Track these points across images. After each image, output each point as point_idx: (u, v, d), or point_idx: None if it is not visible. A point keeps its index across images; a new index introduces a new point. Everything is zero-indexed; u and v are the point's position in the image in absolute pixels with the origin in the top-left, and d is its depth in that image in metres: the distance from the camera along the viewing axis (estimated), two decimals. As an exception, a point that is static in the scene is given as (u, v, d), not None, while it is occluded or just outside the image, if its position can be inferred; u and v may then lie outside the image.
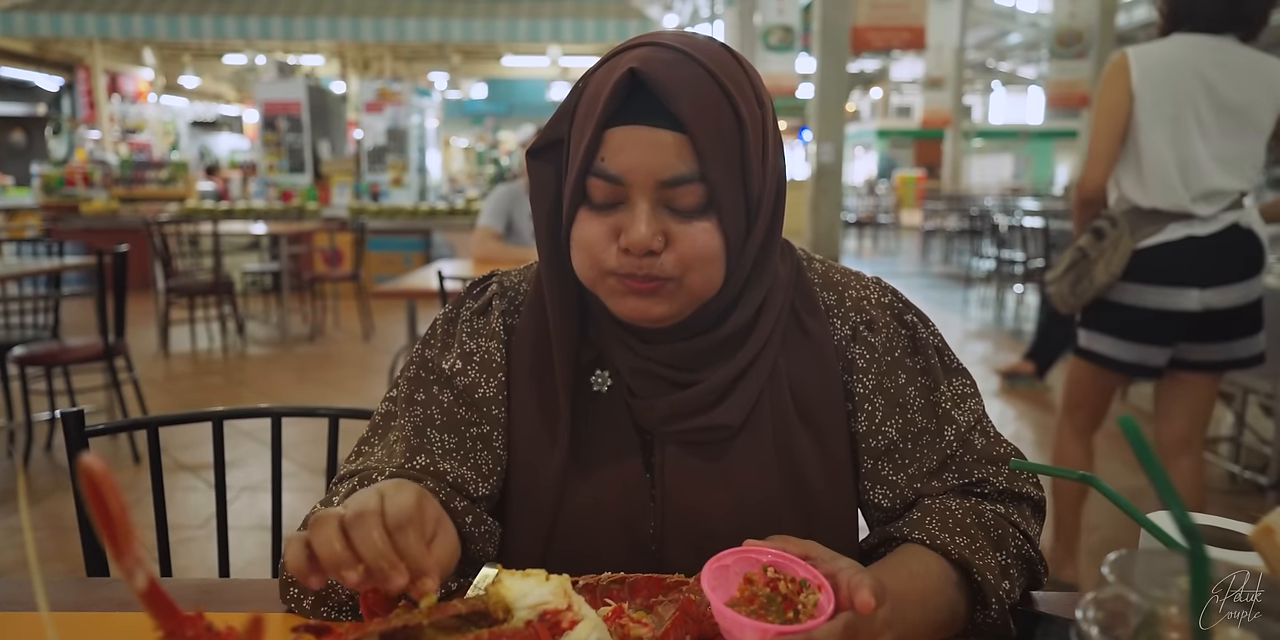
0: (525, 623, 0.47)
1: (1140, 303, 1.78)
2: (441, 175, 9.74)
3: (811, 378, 0.70)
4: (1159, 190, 1.74)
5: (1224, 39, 1.71)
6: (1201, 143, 1.71)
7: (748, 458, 0.68)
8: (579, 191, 0.63)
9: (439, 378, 0.73)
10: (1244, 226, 1.74)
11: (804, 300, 0.72)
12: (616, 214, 0.62)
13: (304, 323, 5.65)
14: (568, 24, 8.13)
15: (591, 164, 0.61)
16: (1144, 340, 1.80)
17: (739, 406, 0.67)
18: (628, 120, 0.60)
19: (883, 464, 0.71)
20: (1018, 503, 0.71)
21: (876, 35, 7.69)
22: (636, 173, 0.60)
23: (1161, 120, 1.72)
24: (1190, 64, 1.70)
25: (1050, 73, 9.58)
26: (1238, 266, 1.74)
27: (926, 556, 0.64)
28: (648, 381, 0.68)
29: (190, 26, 7.97)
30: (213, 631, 0.38)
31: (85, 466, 0.30)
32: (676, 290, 0.63)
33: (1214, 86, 1.70)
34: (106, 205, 7.28)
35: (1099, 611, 0.38)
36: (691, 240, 0.61)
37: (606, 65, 0.63)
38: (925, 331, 0.73)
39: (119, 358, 3.04)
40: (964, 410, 0.72)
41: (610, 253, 0.62)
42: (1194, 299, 1.73)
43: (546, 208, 0.67)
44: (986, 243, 7.64)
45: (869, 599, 0.48)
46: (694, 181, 0.60)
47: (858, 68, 15.31)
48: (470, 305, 0.75)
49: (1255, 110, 1.70)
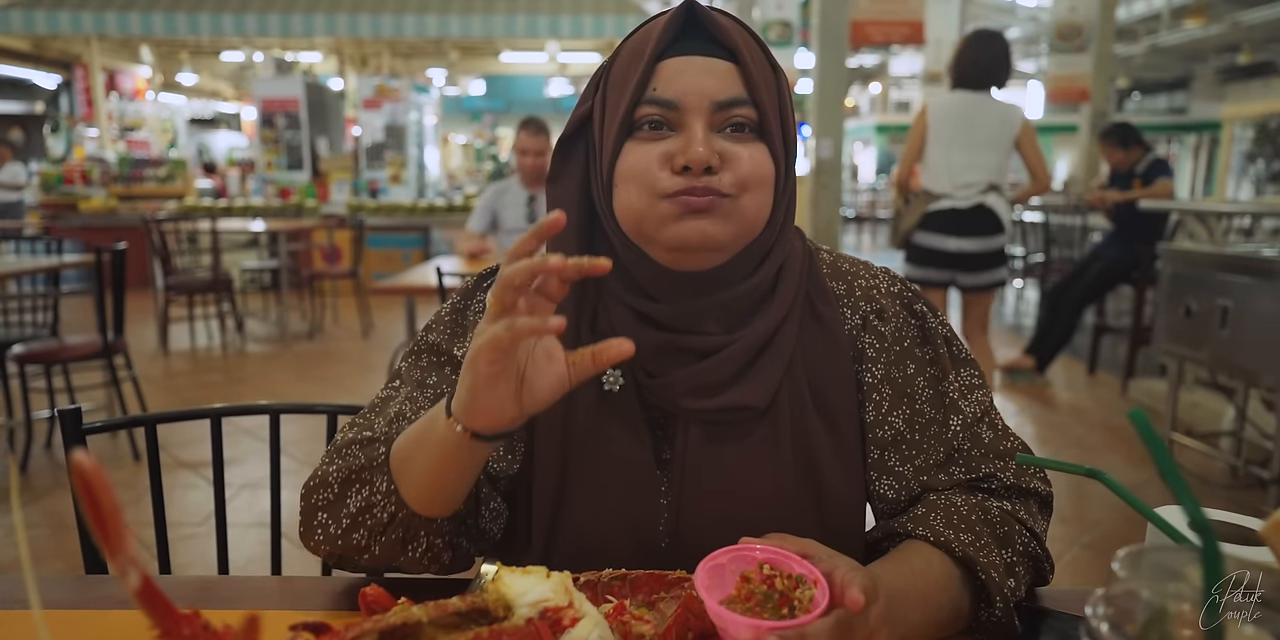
0: (526, 620, 0.46)
1: (924, 244, 3.01)
2: (440, 172, 9.73)
3: (825, 365, 0.70)
4: (935, 181, 2.98)
5: (981, 94, 2.92)
6: (961, 155, 2.92)
7: (767, 444, 0.67)
8: (625, 125, 0.63)
9: (450, 361, 0.72)
10: (987, 206, 2.94)
11: (816, 286, 0.71)
12: (667, 141, 0.63)
13: (303, 320, 5.64)
14: (566, 20, 8.11)
15: (642, 94, 0.63)
16: (926, 265, 3.04)
17: (763, 387, 0.66)
18: (681, 52, 0.63)
19: (889, 455, 0.70)
20: (1024, 498, 0.70)
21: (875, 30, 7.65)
22: (692, 95, 0.62)
23: (939, 142, 2.95)
24: (959, 110, 2.94)
25: (1050, 67, 9.55)
26: (980, 228, 2.94)
27: (930, 553, 0.63)
28: (666, 357, 0.67)
29: (188, 24, 7.94)
30: (209, 630, 0.37)
31: (77, 465, 0.29)
32: (733, 211, 0.62)
33: (973, 122, 2.91)
34: (105, 203, 7.26)
35: (1109, 608, 0.37)
36: (748, 159, 0.63)
37: (644, 28, 0.66)
38: (934, 321, 0.73)
39: (118, 355, 3.04)
40: (971, 401, 0.71)
41: (664, 177, 0.62)
42: (952, 244, 2.96)
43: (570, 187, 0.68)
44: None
45: (858, 596, 0.48)
46: (747, 104, 0.63)
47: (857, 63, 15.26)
48: (481, 297, 0.75)
49: (997, 136, 2.92)
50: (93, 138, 9.72)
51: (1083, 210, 5.85)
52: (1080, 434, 3.41)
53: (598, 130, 0.66)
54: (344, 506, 0.64)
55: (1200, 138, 16.12)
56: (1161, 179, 4.11)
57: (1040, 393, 4.01)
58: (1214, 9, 10.68)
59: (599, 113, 0.66)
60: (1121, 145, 4.19)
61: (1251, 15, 10.01)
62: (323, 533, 0.64)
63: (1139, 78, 16.59)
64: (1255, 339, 2.45)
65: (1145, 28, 12.35)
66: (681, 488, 0.67)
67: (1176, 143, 16.38)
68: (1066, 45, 9.26)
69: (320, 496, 0.65)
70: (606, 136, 0.65)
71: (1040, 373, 4.14)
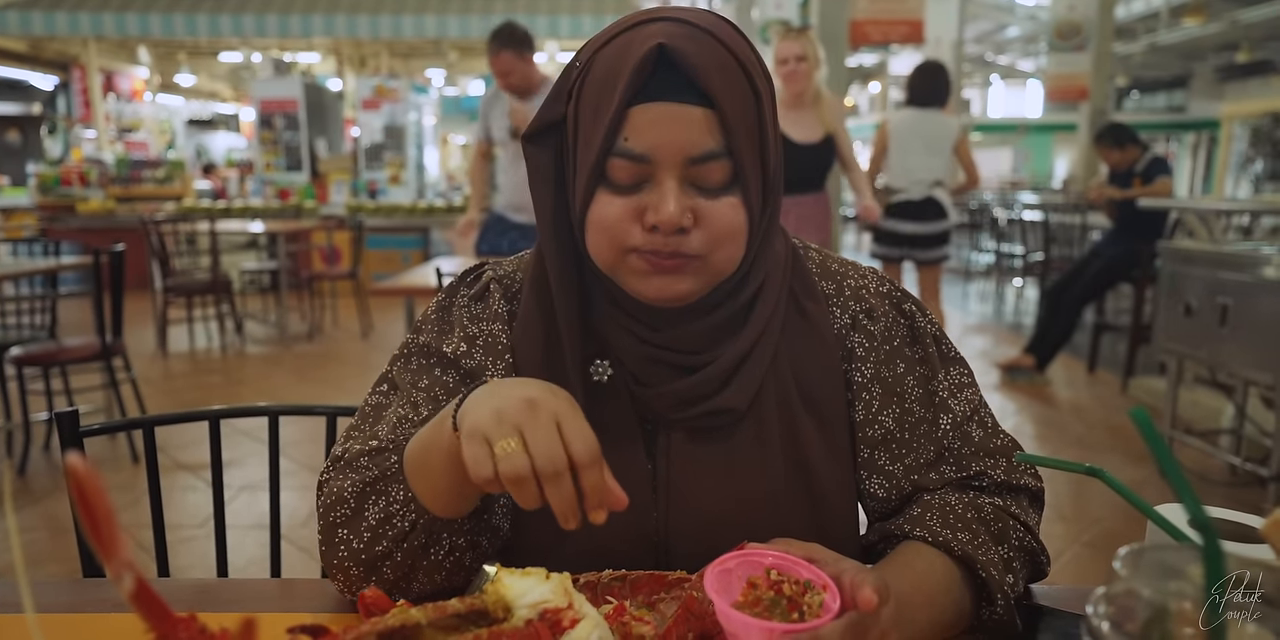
0: (525, 622, 0.46)
1: (887, 228, 3.81)
2: (439, 172, 9.72)
3: (812, 363, 0.70)
4: (894, 179, 3.81)
5: (929, 110, 3.78)
6: (913, 158, 3.75)
7: (753, 444, 0.67)
8: (597, 172, 0.61)
9: (440, 360, 0.71)
10: (934, 198, 3.76)
11: (802, 285, 0.71)
12: (639, 194, 0.60)
13: (302, 321, 5.63)
14: (564, 20, 8.11)
15: (614, 144, 0.59)
16: (888, 245, 3.86)
17: (744, 390, 0.66)
18: (653, 97, 0.58)
19: (879, 454, 0.70)
20: (1016, 494, 0.70)
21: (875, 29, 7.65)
22: (664, 150, 0.59)
23: (897, 149, 3.78)
24: (911, 124, 3.77)
25: (1049, 66, 9.55)
26: (929, 214, 3.77)
27: (930, 555, 0.63)
28: (655, 369, 0.67)
29: (185, 25, 7.94)
30: (206, 633, 0.37)
31: (71, 468, 0.29)
32: (702, 268, 0.62)
33: (921, 132, 3.73)
34: (103, 205, 7.26)
35: (1110, 607, 0.37)
36: (720, 217, 0.60)
37: (618, 41, 0.61)
38: (923, 320, 0.73)
39: (117, 357, 3.03)
40: (960, 400, 0.71)
41: (634, 232, 0.60)
42: (908, 227, 3.78)
43: (548, 190, 0.66)
44: (986, 236, 7.63)
45: (871, 596, 0.47)
46: (722, 157, 0.60)
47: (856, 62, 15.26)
48: (465, 292, 0.74)
49: (940, 144, 3.75)
50: (90, 139, 9.71)
51: (1082, 209, 5.85)
52: (1080, 432, 3.41)
53: (570, 155, 0.64)
54: (363, 519, 0.63)
55: (1199, 136, 16.12)
56: (1161, 177, 4.11)
57: (1040, 391, 4.01)
58: (1212, 7, 10.68)
59: (571, 133, 0.64)
60: (1117, 146, 4.20)
61: (1250, 14, 10.01)
62: (345, 548, 0.63)
63: (1138, 76, 16.59)
64: (1254, 337, 2.46)
65: (1144, 26, 12.35)
66: (669, 488, 0.67)
67: (1175, 141, 16.38)
68: (1065, 44, 9.25)
69: (338, 513, 0.64)
70: (581, 173, 0.62)
71: (1040, 371, 4.14)
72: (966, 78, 15.78)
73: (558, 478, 0.50)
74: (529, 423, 0.51)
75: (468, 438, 0.52)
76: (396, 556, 0.62)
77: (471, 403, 0.55)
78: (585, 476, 0.50)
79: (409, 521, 0.62)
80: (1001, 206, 7.72)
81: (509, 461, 0.49)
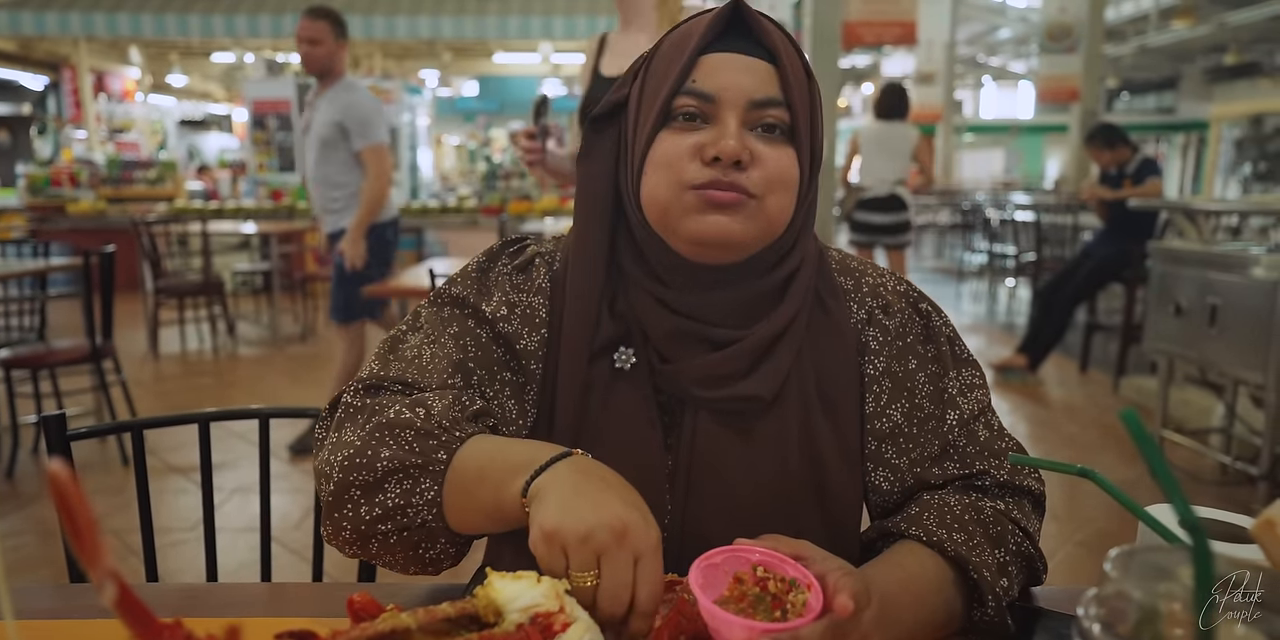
0: (517, 626, 0.46)
1: (859, 219, 4.56)
2: (433, 173, 9.70)
3: (831, 358, 0.71)
4: (864, 178, 4.54)
5: (892, 122, 4.50)
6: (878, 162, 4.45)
7: (773, 434, 0.68)
8: (662, 114, 0.65)
9: (476, 315, 0.71)
10: (896, 194, 4.48)
11: (825, 282, 0.73)
12: (701, 133, 0.64)
13: (295, 323, 5.61)
14: (559, 21, 8.10)
15: (682, 85, 0.64)
16: (861, 233, 4.59)
17: (771, 378, 0.67)
18: (722, 48, 0.65)
19: (886, 446, 0.71)
20: (1018, 497, 0.70)
21: (868, 30, 7.67)
22: (730, 91, 0.63)
23: (867, 154, 4.52)
24: (877, 133, 4.51)
25: (1040, 67, 9.58)
26: (893, 208, 4.49)
27: (923, 554, 0.63)
28: (680, 344, 0.67)
29: (177, 25, 7.91)
30: (192, 638, 0.37)
31: (52, 475, 0.28)
32: (756, 211, 0.64)
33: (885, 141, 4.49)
34: (94, 206, 7.22)
35: (1100, 608, 0.37)
36: (776, 160, 0.64)
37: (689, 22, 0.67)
38: (939, 320, 0.74)
39: (107, 360, 3.01)
40: (970, 399, 0.72)
41: (693, 168, 0.63)
42: (876, 218, 4.50)
43: (597, 167, 0.69)
44: (978, 237, 7.65)
45: (847, 603, 0.48)
46: (781, 106, 0.64)
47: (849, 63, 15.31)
48: (508, 262, 0.74)
49: (901, 149, 4.47)
50: (81, 140, 9.66)
51: (1074, 209, 5.87)
52: (1073, 432, 3.42)
53: (633, 116, 0.68)
54: (380, 494, 0.61)
55: (1188, 137, 16.22)
56: (1151, 178, 4.13)
57: (1033, 391, 4.02)
58: (1201, 10, 10.75)
59: (635, 100, 0.68)
60: (1107, 146, 4.22)
61: (1238, 16, 10.08)
62: (351, 511, 0.62)
63: (1128, 78, 16.68)
64: (1243, 337, 2.47)
65: (1134, 28, 12.42)
66: (688, 474, 0.67)
67: (1165, 142, 16.47)
68: (1056, 46, 9.30)
69: (360, 476, 0.62)
70: (643, 123, 0.66)
71: (1033, 371, 4.15)
72: (959, 79, 15.84)
73: (613, 620, 0.51)
74: (610, 558, 0.51)
75: (548, 540, 0.51)
76: (390, 540, 0.63)
77: (558, 485, 0.55)
78: (636, 623, 0.51)
79: (422, 519, 0.61)
80: (994, 207, 7.75)
81: (578, 592, 0.51)
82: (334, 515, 0.63)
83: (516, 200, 7.18)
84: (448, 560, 0.65)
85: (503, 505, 0.57)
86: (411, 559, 0.64)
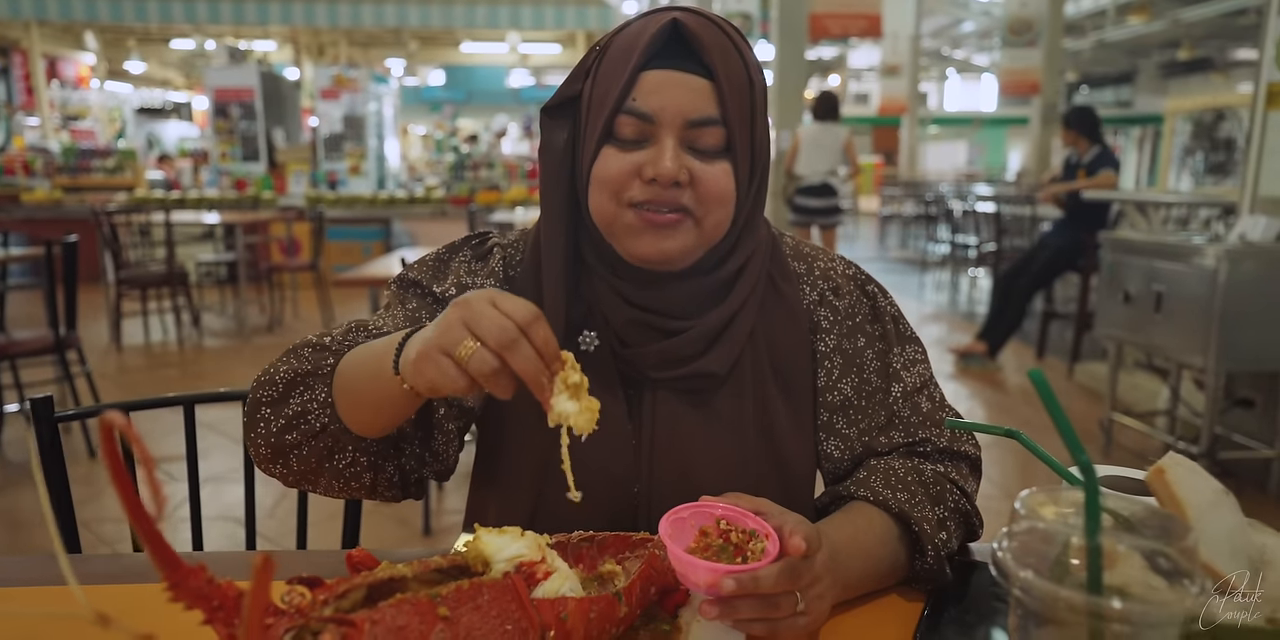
0: (503, 574, 0.51)
1: (799, 203, 5.58)
2: (400, 163, 9.61)
3: (785, 338, 0.76)
4: (802, 169, 5.51)
5: (827, 123, 5.48)
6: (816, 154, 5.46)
7: (729, 409, 0.74)
8: (605, 130, 0.67)
9: (428, 295, 0.76)
10: (829, 182, 5.49)
11: (778, 267, 0.78)
12: (641, 151, 0.67)
13: (262, 314, 5.56)
14: (527, 10, 8.06)
15: (623, 103, 0.67)
16: (800, 214, 5.56)
17: (725, 356, 0.72)
18: (662, 65, 0.67)
19: (837, 418, 0.77)
20: (956, 461, 0.77)
21: (834, 23, 7.76)
22: (667, 111, 0.66)
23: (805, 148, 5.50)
24: (815, 132, 5.50)
25: (1002, 61, 9.77)
26: (826, 194, 5.50)
27: (870, 511, 0.70)
28: (638, 331, 0.73)
29: (135, 10, 7.72)
30: (213, 583, 0.41)
31: (108, 421, 0.32)
32: (692, 228, 0.68)
33: (819, 138, 5.45)
34: (49, 195, 7.04)
35: (1013, 541, 0.43)
36: (712, 179, 0.67)
37: (637, 24, 0.69)
38: (884, 301, 0.80)
39: (71, 350, 2.98)
40: (913, 374, 0.78)
41: (634, 186, 0.67)
42: (812, 202, 5.52)
43: (555, 160, 0.72)
44: (942, 227, 7.81)
45: (800, 543, 0.54)
46: (717, 124, 0.67)
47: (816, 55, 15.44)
48: (467, 253, 0.79)
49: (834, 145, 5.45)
50: (34, 127, 9.40)
51: (1033, 201, 6.04)
52: (1028, 415, 3.55)
53: (583, 119, 0.71)
54: (285, 406, 0.66)
55: (1144, 130, 16.64)
56: (1104, 170, 4.25)
57: (992, 377, 4.15)
58: (1156, 6, 11.03)
59: (585, 102, 0.70)
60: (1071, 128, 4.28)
61: (1191, 13, 10.36)
62: (264, 427, 0.67)
63: (1087, 72, 17.04)
64: (1186, 323, 2.58)
65: (1092, 23, 12.69)
66: (652, 445, 0.73)
67: (1123, 135, 16.88)
68: (1018, 39, 9.48)
69: (266, 393, 0.67)
70: (589, 136, 0.69)
71: (992, 357, 4.28)
72: (923, 71, 16.04)
73: (515, 345, 0.52)
74: (470, 315, 0.53)
75: (424, 359, 0.53)
76: (303, 451, 0.67)
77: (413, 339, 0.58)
78: (534, 332, 0.53)
79: (320, 423, 0.66)
80: (957, 198, 7.92)
81: (475, 360, 0.52)
82: (250, 435, 0.68)
83: (485, 190, 7.17)
84: (367, 473, 0.69)
85: (385, 389, 0.59)
86: (329, 471, 0.68)
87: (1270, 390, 2.66)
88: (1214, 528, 0.50)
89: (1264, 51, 2.63)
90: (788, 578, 0.54)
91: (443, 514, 2.50)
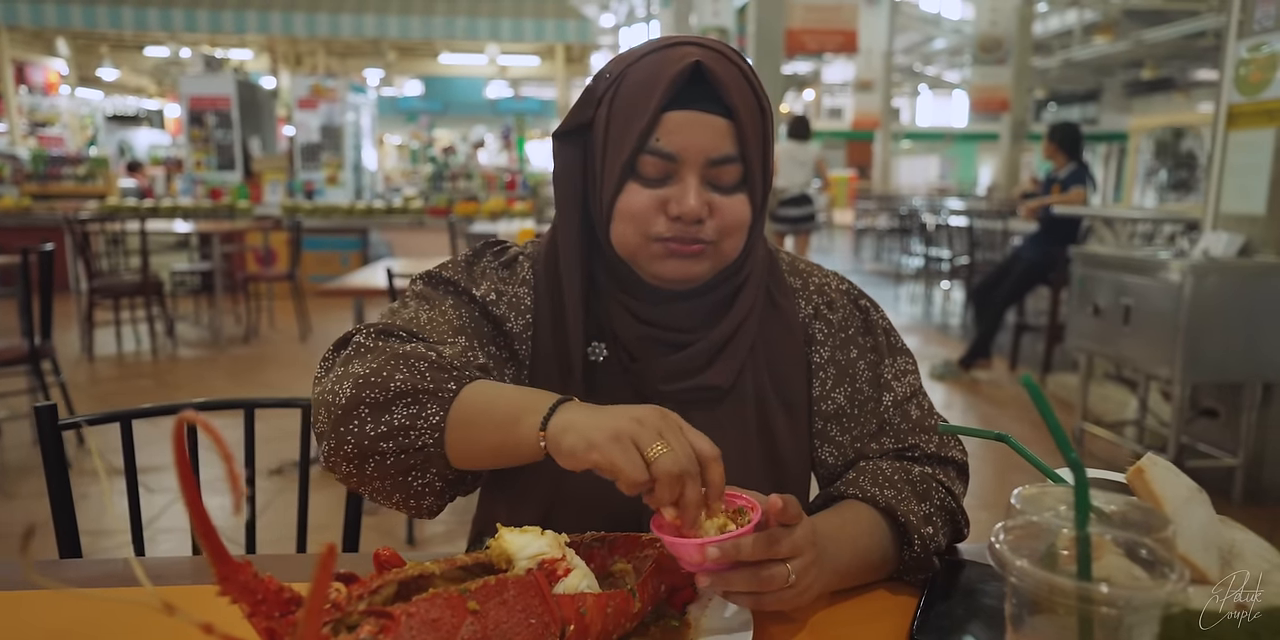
0: (526, 571, 0.53)
1: (778, 213, 6.36)
2: (378, 173, 9.58)
3: (782, 351, 0.80)
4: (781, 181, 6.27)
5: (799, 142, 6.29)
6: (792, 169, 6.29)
7: (732, 419, 0.78)
8: (629, 167, 0.71)
9: (468, 296, 0.77)
10: (805, 193, 6.41)
11: (776, 282, 0.82)
12: (664, 188, 0.70)
13: (237, 324, 5.50)
14: (506, 23, 8.11)
15: (646, 143, 0.69)
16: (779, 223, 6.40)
17: (728, 369, 0.76)
18: (684, 106, 0.69)
19: (831, 426, 0.81)
20: (944, 465, 0.81)
21: (810, 38, 7.90)
22: (690, 151, 0.69)
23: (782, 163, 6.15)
24: (790, 149, 6.24)
25: (973, 77, 10.00)
26: (801, 204, 6.37)
27: (859, 507, 0.74)
28: (648, 347, 0.76)
29: (109, 16, 7.64)
30: (258, 578, 0.43)
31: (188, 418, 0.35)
32: (713, 253, 0.73)
33: (794, 155, 6.26)
34: (17, 202, 6.92)
35: (1009, 534, 0.46)
36: (731, 211, 0.72)
37: (651, 58, 0.71)
38: (876, 315, 0.85)
39: (45, 360, 2.93)
40: (903, 383, 0.82)
41: (659, 221, 0.71)
42: (790, 212, 6.38)
43: (573, 183, 0.75)
44: (915, 241, 7.95)
45: (777, 500, 0.58)
46: (736, 161, 0.71)
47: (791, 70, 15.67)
48: (493, 259, 0.81)
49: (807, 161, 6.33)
50: (1, 133, 9.23)
51: (1005, 215, 6.19)
52: (1005, 426, 3.63)
53: (599, 149, 0.73)
54: (389, 414, 0.64)
55: (1110, 147, 17.08)
56: (1075, 187, 4.38)
57: (969, 386, 4.24)
58: (1120, 26, 11.38)
59: (601, 133, 0.72)
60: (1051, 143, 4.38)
61: (1154, 33, 10.70)
62: (358, 426, 0.64)
63: (1054, 89, 17.48)
64: (1152, 335, 2.67)
65: (1059, 42, 13.04)
66: None
67: (1089, 152, 17.33)
68: (988, 57, 9.71)
69: (371, 394, 0.64)
70: (609, 168, 0.72)
71: (965, 368, 4.37)
72: (896, 87, 16.33)
73: (694, 476, 0.56)
74: (668, 430, 0.57)
75: (612, 442, 0.56)
76: (388, 461, 0.65)
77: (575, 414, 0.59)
78: (711, 471, 0.57)
79: (422, 442, 0.64)
80: (930, 212, 8.07)
81: (664, 461, 0.55)
82: (339, 429, 0.65)
83: (463, 201, 7.17)
84: (430, 496, 0.69)
85: (514, 441, 0.61)
86: (399, 485, 0.67)
87: (1233, 401, 2.75)
88: (1189, 522, 0.54)
89: (1224, 73, 2.74)
90: (766, 544, 0.57)
91: (425, 524, 2.49)
